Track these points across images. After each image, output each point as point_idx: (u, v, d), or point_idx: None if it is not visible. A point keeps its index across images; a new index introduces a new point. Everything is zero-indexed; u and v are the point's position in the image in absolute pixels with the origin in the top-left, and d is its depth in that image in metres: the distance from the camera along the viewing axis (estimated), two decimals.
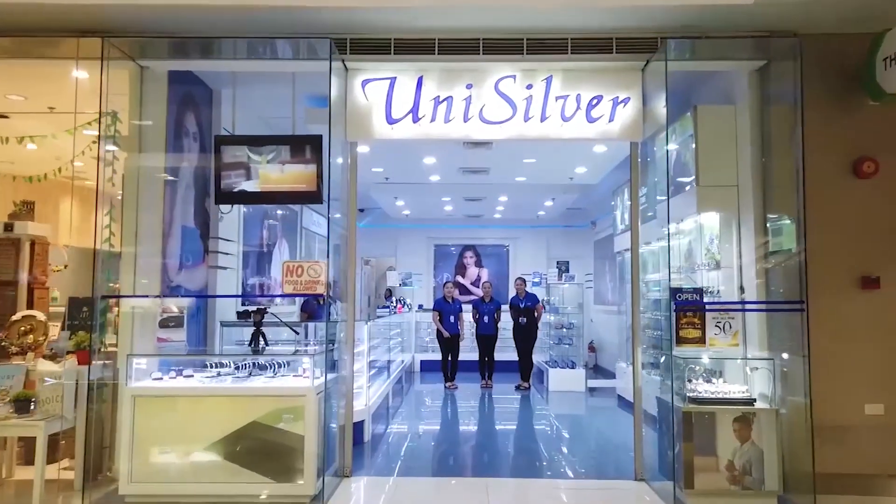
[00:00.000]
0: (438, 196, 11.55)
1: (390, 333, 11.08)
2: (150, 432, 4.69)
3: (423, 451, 6.79)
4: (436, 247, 15.25)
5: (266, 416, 4.74)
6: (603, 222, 13.20)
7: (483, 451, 6.89)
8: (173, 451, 4.69)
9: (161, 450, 4.69)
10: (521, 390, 10.65)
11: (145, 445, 4.68)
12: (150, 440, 4.68)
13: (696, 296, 4.93)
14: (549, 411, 9.32)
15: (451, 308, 10.92)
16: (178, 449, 4.69)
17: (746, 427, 4.74)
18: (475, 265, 15.23)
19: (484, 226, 14.98)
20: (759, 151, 5.42)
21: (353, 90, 5.40)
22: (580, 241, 14.67)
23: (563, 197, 11.41)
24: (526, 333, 10.72)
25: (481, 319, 10.93)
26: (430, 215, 14.31)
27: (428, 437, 7.53)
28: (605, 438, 7.61)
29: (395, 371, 9.88)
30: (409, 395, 10.53)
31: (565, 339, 10.90)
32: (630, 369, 9.43)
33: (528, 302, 10.74)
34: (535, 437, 7.52)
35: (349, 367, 5.60)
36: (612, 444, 7.28)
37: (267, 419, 4.74)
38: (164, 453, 4.68)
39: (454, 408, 9.58)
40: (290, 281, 4.92)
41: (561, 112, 5.31)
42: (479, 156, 8.13)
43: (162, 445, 4.69)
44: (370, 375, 7.73)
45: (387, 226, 14.96)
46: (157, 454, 4.68)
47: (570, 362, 10.71)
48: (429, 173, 9.49)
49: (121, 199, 5.41)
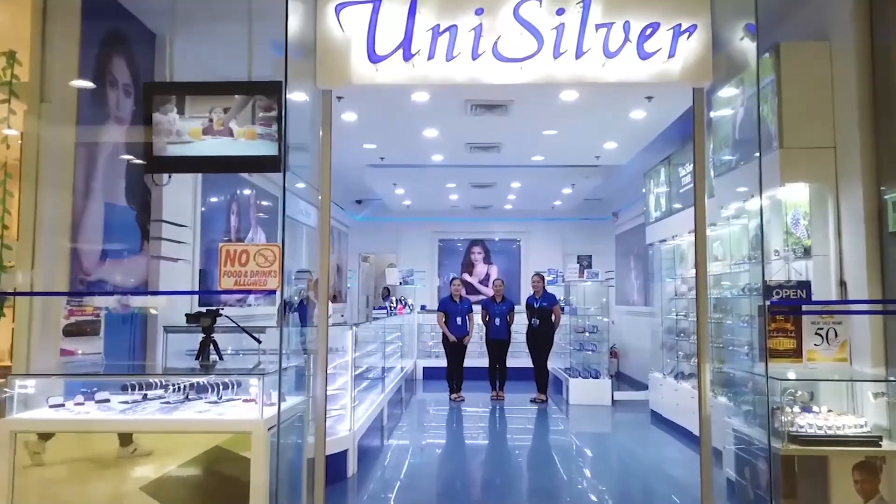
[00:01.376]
0: (442, 182, 10.18)
1: (388, 338, 9.75)
2: (35, 484, 3.36)
3: (422, 488, 5.44)
4: (440, 242, 13.90)
5: (197, 460, 3.41)
6: (626, 213, 11.82)
7: (494, 488, 5.52)
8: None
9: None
10: (536, 403, 9.29)
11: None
12: (35, 495, 3.35)
13: (801, 292, 3.54)
14: (570, 429, 7.97)
15: (458, 308, 9.56)
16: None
17: (873, 477, 3.36)
18: (483, 262, 13.88)
19: (493, 219, 13.62)
20: (867, 102, 4.05)
21: (324, 19, 4.06)
22: (600, 234, 13.28)
23: (585, 183, 10.03)
24: (541, 338, 9.35)
25: (492, 322, 9.57)
26: (434, 206, 12.96)
27: (428, 467, 6.18)
28: (642, 464, 6.23)
29: (392, 381, 8.54)
30: (410, 408, 9.18)
31: (587, 345, 9.53)
32: (666, 381, 8.14)
33: (545, 302, 9.37)
34: (555, 465, 6.14)
35: (320, 386, 4.24)
36: (651, 471, 5.91)
37: (198, 463, 3.41)
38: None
39: (460, 426, 8.23)
40: (231, 273, 3.58)
41: (603, 45, 3.94)
42: (490, 125, 6.75)
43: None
44: (358, 391, 6.40)
45: (387, 219, 13.63)
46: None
47: (594, 371, 9.34)
48: (430, 151, 8.13)
49: (18, 166, 4.09)
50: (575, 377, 9.34)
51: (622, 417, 8.71)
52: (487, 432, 7.95)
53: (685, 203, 7.17)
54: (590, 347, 9.48)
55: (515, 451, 6.95)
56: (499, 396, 9.59)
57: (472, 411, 8.94)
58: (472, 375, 10.04)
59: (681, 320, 7.74)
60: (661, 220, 8.06)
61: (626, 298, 11.85)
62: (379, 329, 9.37)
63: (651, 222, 8.56)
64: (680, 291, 7.77)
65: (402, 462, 6.16)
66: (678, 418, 7.26)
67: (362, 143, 7.68)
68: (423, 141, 7.48)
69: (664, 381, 7.88)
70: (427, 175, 9.76)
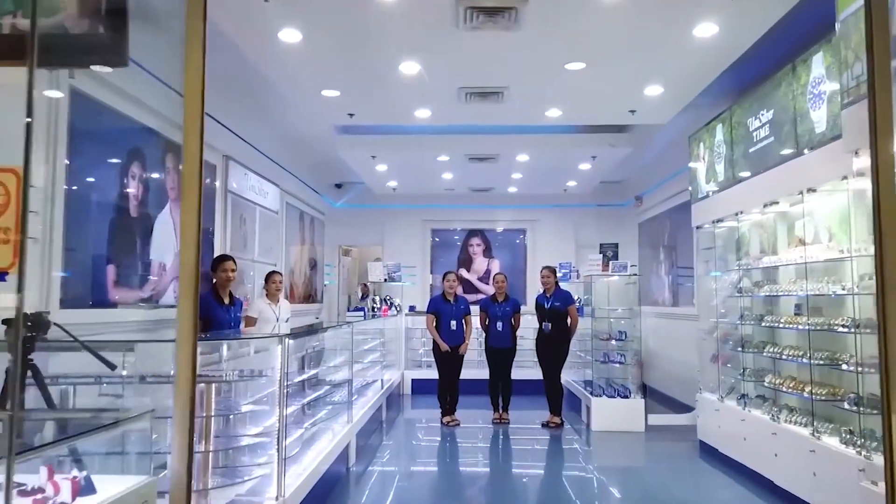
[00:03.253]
0: (432, 153, 8.27)
1: (366, 346, 7.86)
2: None
3: None
4: (433, 232, 11.99)
5: None
6: (652, 196, 9.92)
7: None
8: None
9: None
10: (549, 428, 7.39)
11: None
12: None
13: None
14: (595, 463, 6.07)
15: (452, 310, 7.66)
16: None
17: None
18: (483, 255, 11.97)
19: (495, 205, 11.72)
20: None
21: None
22: (619, 222, 11.38)
23: (608, 156, 8.15)
24: (554, 346, 7.45)
25: (493, 326, 7.67)
26: (425, 189, 11.06)
27: None
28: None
29: (368, 404, 6.65)
30: (393, 434, 7.28)
31: (613, 356, 7.62)
32: (725, 406, 5.73)
33: (557, 301, 7.47)
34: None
35: (178, 455, 2.25)
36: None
37: None
38: None
39: (454, 460, 6.33)
40: None
41: None
42: (493, 50, 4.83)
43: None
44: (310, 426, 4.51)
45: (371, 206, 11.73)
46: None
47: (621, 388, 7.43)
48: (413, 102, 6.22)
49: None
50: (598, 395, 7.43)
51: (661, 448, 6.81)
52: (489, 467, 6.08)
53: (757, 167, 5.28)
54: (617, 359, 7.57)
55: (524, 494, 5.09)
56: (502, 419, 7.69)
57: (470, 439, 7.05)
58: (469, 389, 8.15)
59: (744, 325, 5.84)
60: (717, 195, 6.16)
61: (651, 297, 9.94)
62: (355, 335, 7.47)
63: (699, 199, 6.65)
64: (743, 287, 5.86)
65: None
66: (745, 456, 5.36)
67: (320, 90, 5.77)
68: (403, 83, 5.55)
69: (722, 406, 5.98)
70: (412, 144, 7.87)
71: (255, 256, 7.39)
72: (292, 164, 8.71)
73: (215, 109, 6.27)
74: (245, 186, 7.07)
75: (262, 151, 7.51)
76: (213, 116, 6.25)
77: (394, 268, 10.60)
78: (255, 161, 7.34)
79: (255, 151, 7.38)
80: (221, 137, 6.48)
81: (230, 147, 6.68)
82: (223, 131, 6.52)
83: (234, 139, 6.79)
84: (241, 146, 7.02)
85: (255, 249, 7.39)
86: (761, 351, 5.60)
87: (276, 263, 8.26)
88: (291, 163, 8.67)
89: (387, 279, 10.53)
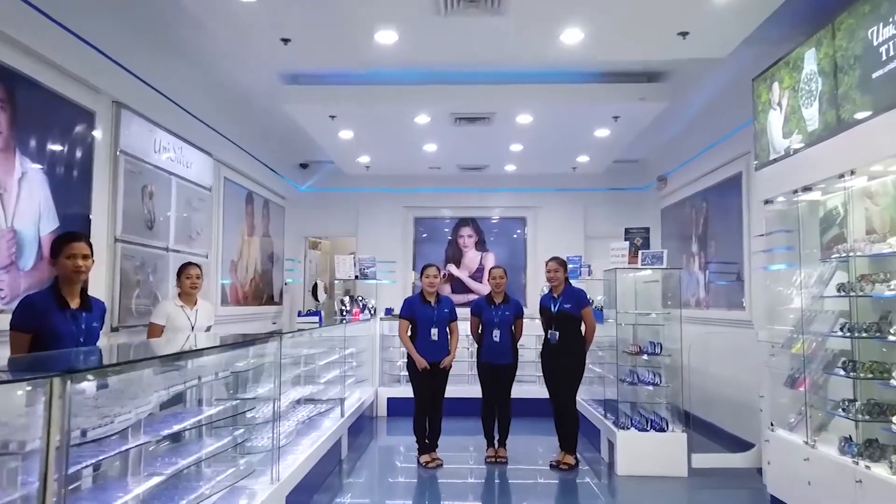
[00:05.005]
0: (409, 111, 6.43)
1: (321, 361, 6.05)
2: None
3: None
4: (417, 221, 10.15)
5: None
6: (681, 175, 8.13)
7: None
8: None
9: None
10: (561, 471, 5.59)
11: None
12: None
13: None
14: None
15: (432, 314, 5.83)
16: None
17: None
18: (476, 248, 10.14)
19: (489, 189, 9.90)
20: None
21: None
22: (636, 209, 9.57)
23: (634, 115, 6.34)
24: (564, 361, 5.64)
25: (488, 336, 5.86)
26: (405, 169, 9.24)
27: None
28: None
29: (315, 444, 4.83)
30: (356, 474, 5.44)
31: (645, 375, 5.81)
32: (817, 454, 3.91)
33: (568, 302, 5.67)
34: None
35: None
36: None
37: None
38: None
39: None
40: None
41: None
42: None
43: None
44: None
45: (343, 189, 9.91)
46: None
47: (655, 420, 5.62)
48: (374, 18, 4.37)
49: None
50: (624, 428, 5.62)
51: (708, 499, 5.02)
52: None
53: (885, 98, 3.47)
54: (649, 378, 5.76)
55: None
56: (498, 457, 5.88)
57: (456, 488, 5.23)
58: (456, 409, 6.41)
59: (844, 337, 4.03)
60: (803, 153, 4.35)
61: (682, 298, 8.09)
62: (310, 348, 5.66)
63: (769, 161, 4.84)
64: (846, 284, 4.05)
65: None
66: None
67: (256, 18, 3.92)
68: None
69: (813, 455, 4.16)
70: (382, 97, 6.03)
71: (169, 243, 5.55)
72: (230, 127, 6.86)
73: (95, 31, 4.41)
74: (151, 147, 5.23)
75: (178, 103, 5.66)
76: (92, 43, 4.40)
77: (367, 262, 8.77)
78: (168, 116, 5.50)
79: (170, 103, 5.54)
80: (108, 74, 4.64)
81: (124, 91, 4.84)
82: (111, 66, 4.67)
83: (131, 81, 4.95)
84: (145, 93, 5.17)
85: (169, 234, 5.54)
86: (879, 376, 3.80)
87: (207, 254, 6.42)
88: (229, 125, 6.82)
89: (358, 276, 8.70)
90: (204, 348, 3.40)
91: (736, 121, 6.18)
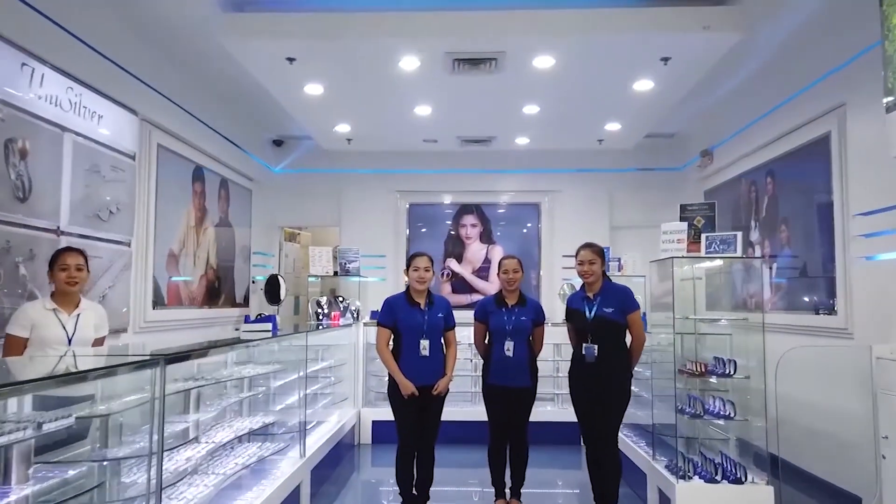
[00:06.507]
0: (392, 47, 4.86)
1: (279, 382, 4.55)
2: None
3: None
4: (411, 208, 8.61)
5: None
6: (733, 147, 6.59)
7: None
8: None
9: None
10: None
11: None
12: None
13: None
14: None
15: (421, 320, 4.28)
16: None
17: None
18: (481, 240, 8.59)
19: (496, 169, 8.37)
20: None
21: None
22: (672, 192, 7.97)
23: (692, 57, 4.80)
24: (607, 387, 4.07)
25: (498, 349, 4.32)
26: (395, 143, 7.73)
27: None
28: None
29: (259, 498, 3.31)
30: None
31: (712, 406, 4.25)
32: None
33: (609, 305, 4.13)
34: None
35: None
36: None
37: None
38: None
39: None
40: None
41: None
42: None
43: None
44: None
45: (323, 170, 8.40)
46: None
47: (730, 466, 4.05)
48: None
49: None
50: (685, 478, 4.06)
51: None
52: None
53: None
54: (718, 409, 4.20)
55: None
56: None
57: None
58: (453, 434, 4.86)
59: None
60: None
61: (736, 298, 6.52)
62: (242, 366, 4.16)
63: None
64: None
65: None
66: None
67: None
68: None
69: None
70: (354, 24, 4.50)
71: (61, 223, 4.03)
72: (164, 78, 5.34)
73: None
74: (21, 84, 3.71)
75: (73, 32, 4.14)
76: None
77: (349, 255, 7.25)
78: (56, 46, 3.98)
79: (56, 28, 4.02)
80: None
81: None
82: None
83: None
84: (12, 5, 3.66)
85: (59, 210, 4.02)
86: None
87: (130, 241, 4.90)
88: (162, 76, 5.31)
89: (339, 272, 7.19)
90: None
91: (827, 62, 4.64)
